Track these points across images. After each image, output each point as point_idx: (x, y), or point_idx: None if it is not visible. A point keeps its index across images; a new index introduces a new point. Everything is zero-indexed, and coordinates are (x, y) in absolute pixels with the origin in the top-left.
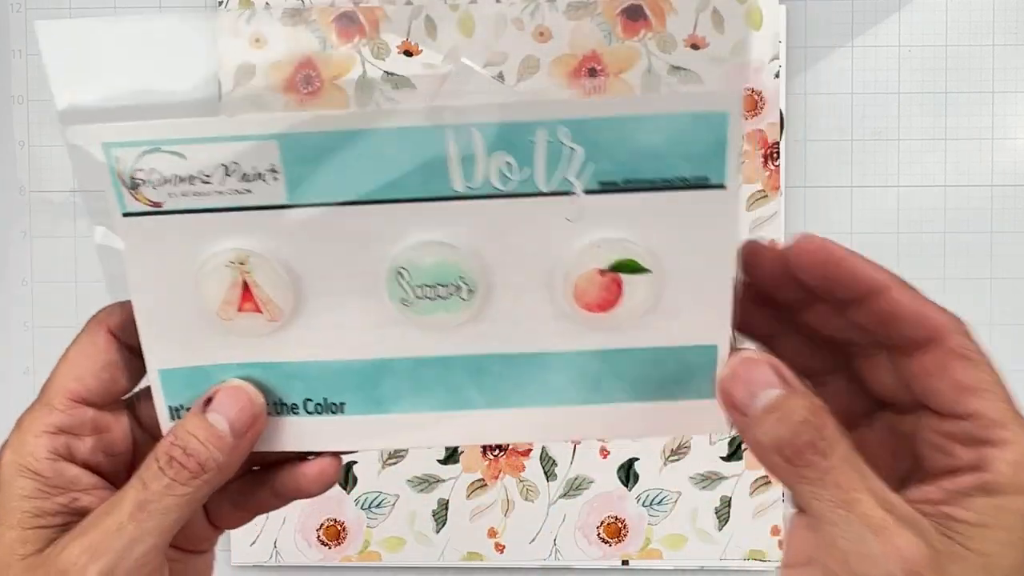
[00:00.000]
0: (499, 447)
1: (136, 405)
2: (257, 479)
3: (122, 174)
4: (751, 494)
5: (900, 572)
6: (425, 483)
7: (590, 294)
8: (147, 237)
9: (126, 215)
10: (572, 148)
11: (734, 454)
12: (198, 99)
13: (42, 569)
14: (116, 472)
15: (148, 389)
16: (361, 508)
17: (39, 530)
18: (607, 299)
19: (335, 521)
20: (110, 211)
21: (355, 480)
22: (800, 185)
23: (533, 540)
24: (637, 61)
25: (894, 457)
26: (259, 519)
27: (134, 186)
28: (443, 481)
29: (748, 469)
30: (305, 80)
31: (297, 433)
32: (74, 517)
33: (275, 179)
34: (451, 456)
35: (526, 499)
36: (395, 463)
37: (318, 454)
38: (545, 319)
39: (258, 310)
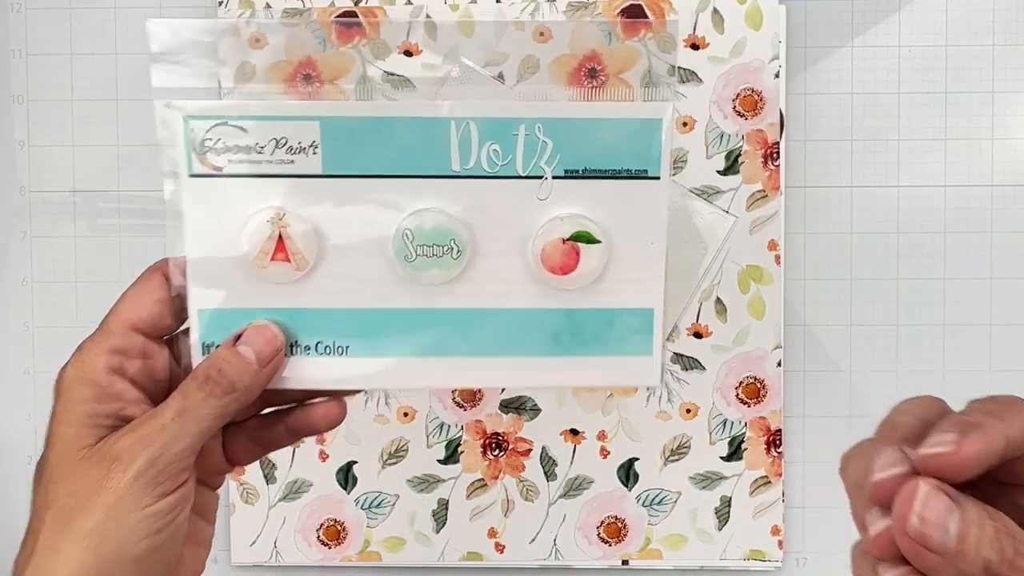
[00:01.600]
0: (499, 447)
1: (175, 346)
2: (272, 418)
3: (194, 141)
4: (751, 494)
5: None
6: (425, 483)
7: (554, 258)
8: (206, 195)
9: (192, 176)
10: (545, 141)
11: (734, 454)
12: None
13: (96, 456)
14: (155, 395)
15: (186, 333)
16: (361, 508)
17: (93, 428)
18: (567, 263)
19: (335, 521)
20: (179, 172)
21: (355, 480)
22: (800, 185)
23: (533, 540)
24: (637, 61)
25: None
26: (259, 519)
27: (203, 152)
28: (443, 481)
29: (748, 469)
30: (305, 80)
31: (308, 371)
32: (120, 422)
33: (314, 153)
34: (451, 456)
35: (526, 499)
36: (395, 463)
37: (326, 398)
38: (518, 280)
39: (287, 259)
